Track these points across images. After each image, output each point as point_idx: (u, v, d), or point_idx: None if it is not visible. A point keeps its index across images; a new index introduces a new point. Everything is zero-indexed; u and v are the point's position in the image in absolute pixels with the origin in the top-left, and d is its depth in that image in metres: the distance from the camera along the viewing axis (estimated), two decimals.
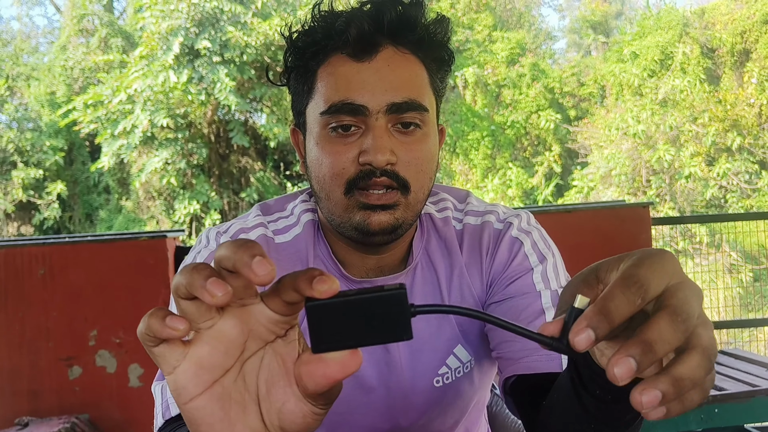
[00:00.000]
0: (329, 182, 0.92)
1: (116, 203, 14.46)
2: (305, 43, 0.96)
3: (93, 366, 3.01)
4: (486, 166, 14.42)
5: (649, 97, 12.96)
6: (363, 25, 0.90)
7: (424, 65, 0.96)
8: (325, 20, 0.94)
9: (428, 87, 0.96)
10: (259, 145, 14.13)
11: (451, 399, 1.05)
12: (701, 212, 12.17)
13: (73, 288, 3.02)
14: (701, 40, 13.97)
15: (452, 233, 1.05)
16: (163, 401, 0.91)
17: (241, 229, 1.02)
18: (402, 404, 1.03)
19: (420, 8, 0.94)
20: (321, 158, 0.93)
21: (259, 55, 12.89)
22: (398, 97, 0.91)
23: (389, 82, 0.91)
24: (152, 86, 12.01)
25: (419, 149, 0.93)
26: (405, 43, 0.94)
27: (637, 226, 3.38)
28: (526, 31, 18.21)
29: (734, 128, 12.31)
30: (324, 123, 0.92)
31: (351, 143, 0.91)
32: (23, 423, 2.84)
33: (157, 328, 0.47)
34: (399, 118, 0.92)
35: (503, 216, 1.06)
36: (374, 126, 0.90)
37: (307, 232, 1.03)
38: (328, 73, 0.93)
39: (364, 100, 0.90)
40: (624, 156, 12.21)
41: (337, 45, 0.92)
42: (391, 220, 0.91)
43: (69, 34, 15.67)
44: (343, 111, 0.90)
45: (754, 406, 2.61)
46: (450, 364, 1.03)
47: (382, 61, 0.92)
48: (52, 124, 14.19)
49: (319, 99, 0.93)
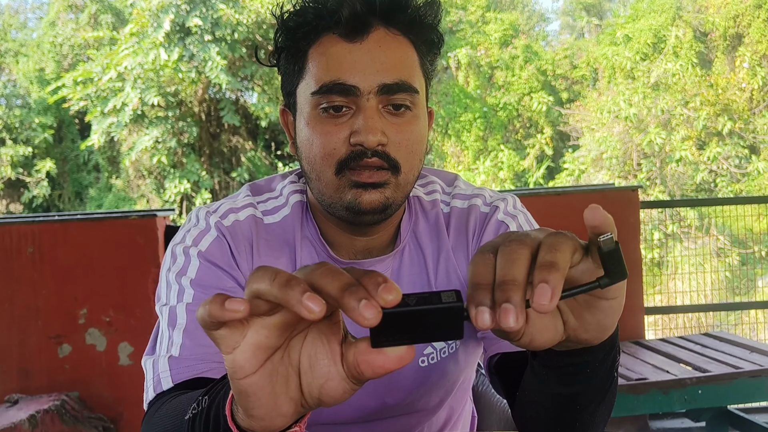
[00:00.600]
0: (320, 162, 0.93)
1: (106, 182, 14.40)
2: (296, 23, 0.95)
3: (83, 344, 3.02)
4: (478, 147, 14.43)
5: (641, 81, 12.97)
6: (355, 6, 0.90)
7: (414, 47, 0.96)
8: (317, 0, 0.94)
9: (418, 69, 0.96)
10: (250, 125, 14.08)
11: (437, 379, 1.06)
12: (691, 196, 12.24)
13: (63, 266, 3.02)
14: (694, 24, 13.97)
15: (440, 216, 1.06)
16: (154, 375, 0.92)
17: (230, 209, 1.02)
18: (388, 383, 1.04)
19: None
20: (312, 138, 0.93)
21: (251, 34, 12.80)
22: (389, 78, 0.91)
23: (381, 62, 0.91)
24: (142, 64, 11.92)
25: (410, 130, 0.93)
26: (396, 24, 0.94)
27: (626, 210, 3.40)
28: (519, 12, 18.14)
29: (725, 112, 12.35)
30: (315, 103, 0.93)
31: (342, 123, 0.91)
32: (13, 400, 2.85)
33: (218, 313, 0.49)
34: (390, 99, 0.92)
35: (490, 199, 1.07)
36: (365, 107, 0.90)
37: (295, 213, 1.04)
38: (319, 53, 0.93)
39: (356, 81, 0.90)
40: (615, 139, 12.23)
41: (329, 25, 0.92)
42: (381, 198, 0.92)
43: (58, 9, 15.51)
44: (334, 91, 0.91)
45: (737, 388, 2.65)
46: (435, 345, 1.04)
47: (374, 42, 0.92)
48: (41, 101, 14.09)
49: (310, 79, 0.94)
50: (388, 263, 1.03)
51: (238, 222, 1.01)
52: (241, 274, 0.98)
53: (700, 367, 2.80)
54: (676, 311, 4.59)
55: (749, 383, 2.64)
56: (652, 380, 2.65)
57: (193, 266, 0.97)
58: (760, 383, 2.65)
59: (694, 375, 2.69)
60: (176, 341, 0.92)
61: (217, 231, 0.99)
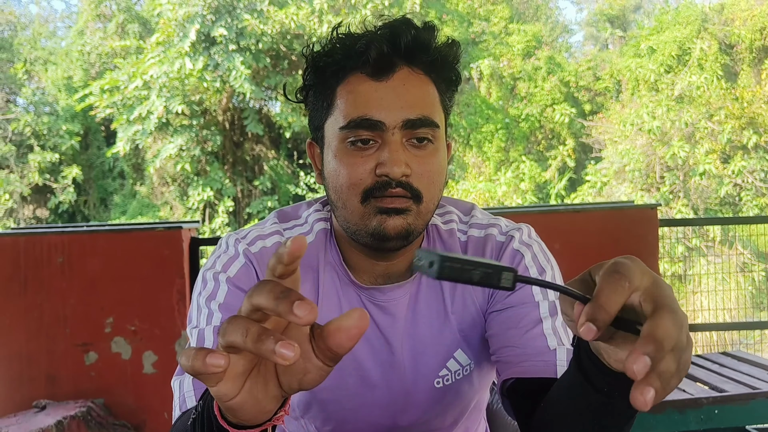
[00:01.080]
0: (346, 191, 0.98)
1: (131, 188, 14.59)
2: (326, 63, 1.02)
3: (108, 352, 3.09)
4: (499, 159, 14.42)
5: (665, 93, 12.89)
6: (382, 47, 0.97)
7: (435, 85, 1.02)
8: (345, 42, 1.00)
9: (439, 105, 1.02)
10: (273, 134, 14.20)
11: (451, 399, 1.11)
12: (715, 210, 12.12)
13: (91, 276, 3.10)
14: (719, 36, 13.86)
15: (456, 244, 1.11)
16: (180, 395, 0.97)
17: (258, 236, 1.09)
18: (403, 403, 1.09)
19: (433, 32, 1.01)
20: (339, 169, 0.99)
21: (275, 44, 12.94)
22: (413, 114, 0.97)
23: (405, 100, 0.97)
24: (168, 73, 12.09)
25: (431, 162, 0.99)
26: (419, 64, 1.00)
27: (645, 227, 3.41)
28: (542, 23, 18.12)
29: (750, 126, 12.22)
30: (343, 137, 0.98)
31: (368, 156, 0.97)
32: (41, 406, 2.93)
33: (201, 368, 0.55)
34: (413, 134, 0.98)
35: (505, 229, 1.12)
36: (391, 140, 0.96)
37: (319, 239, 1.10)
38: (347, 90, 0.99)
39: (382, 116, 0.96)
40: (638, 152, 12.16)
41: (357, 65, 0.99)
42: (404, 224, 0.97)
43: (86, 18, 15.77)
44: (362, 126, 0.97)
45: (754, 408, 2.65)
46: (450, 367, 1.09)
47: (398, 80, 0.98)
48: (68, 108, 14.32)
49: (338, 115, 0.99)
50: (407, 288, 1.08)
51: (266, 248, 1.07)
52: None
53: (716, 387, 2.79)
54: (696, 330, 4.57)
55: (766, 404, 2.64)
56: (668, 399, 2.65)
57: (222, 291, 1.02)
58: None
59: (711, 395, 2.69)
60: None
61: (245, 258, 1.05)
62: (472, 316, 1.09)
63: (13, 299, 3.08)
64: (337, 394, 1.08)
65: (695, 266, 6.92)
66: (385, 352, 1.07)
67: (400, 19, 1.00)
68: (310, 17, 12.68)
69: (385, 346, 1.07)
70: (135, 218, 13.47)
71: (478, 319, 1.09)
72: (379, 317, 1.07)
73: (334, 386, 1.07)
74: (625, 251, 3.42)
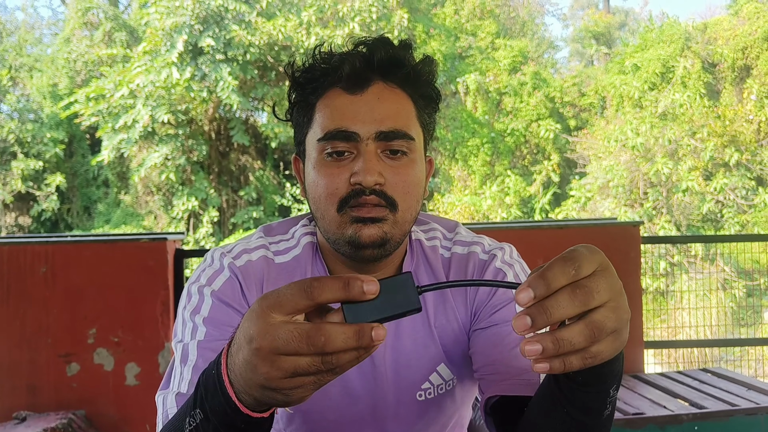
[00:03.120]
0: (324, 201, 1.02)
1: (115, 197, 14.50)
2: (306, 80, 1.06)
3: (91, 363, 3.07)
4: (485, 172, 14.49)
5: (648, 110, 13.04)
6: (355, 63, 1.01)
7: (411, 100, 1.06)
8: (324, 60, 1.05)
9: (415, 119, 1.06)
10: (260, 144, 14.19)
11: (433, 413, 1.12)
12: (697, 226, 12.25)
13: (74, 287, 3.09)
14: (702, 55, 14.05)
15: (439, 261, 1.14)
16: (164, 411, 0.98)
17: (244, 250, 1.10)
18: (386, 415, 1.11)
19: (408, 49, 1.06)
20: (317, 180, 1.02)
21: (263, 55, 12.95)
22: (386, 126, 1.01)
23: (378, 112, 1.01)
24: (154, 82, 12.06)
25: (406, 173, 1.02)
26: (394, 79, 1.04)
27: (628, 244, 3.45)
28: (529, 39, 18.28)
29: (732, 144, 12.38)
30: (320, 149, 1.02)
31: (344, 166, 1.01)
32: (21, 417, 2.90)
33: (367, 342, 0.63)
34: (387, 145, 1.01)
35: (488, 248, 1.15)
36: (365, 151, 1.00)
37: (306, 253, 1.12)
38: (325, 105, 1.04)
39: (356, 128, 1.00)
40: (622, 168, 12.28)
41: (334, 80, 1.03)
42: (379, 233, 1.00)
43: (73, 26, 15.71)
44: (337, 137, 1.00)
45: (734, 425, 2.68)
46: (433, 381, 1.11)
47: (373, 94, 1.02)
48: (53, 116, 14.23)
49: (317, 128, 1.03)
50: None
51: (251, 262, 1.09)
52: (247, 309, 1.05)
53: (696, 404, 2.83)
54: (677, 345, 4.61)
55: (745, 421, 2.67)
56: (649, 415, 2.68)
57: (206, 305, 1.04)
58: (755, 421, 2.68)
59: (691, 411, 2.72)
60: (186, 377, 0.98)
61: (230, 272, 1.07)
62: (455, 332, 1.10)
63: None
64: (320, 405, 1.09)
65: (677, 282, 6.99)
66: (368, 363, 1.09)
67: (378, 37, 1.04)
68: (297, 29, 12.71)
69: (368, 358, 1.09)
70: (119, 227, 13.39)
71: (461, 336, 1.11)
72: None
73: (317, 397, 1.08)
74: None
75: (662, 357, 5.51)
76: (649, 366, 4.54)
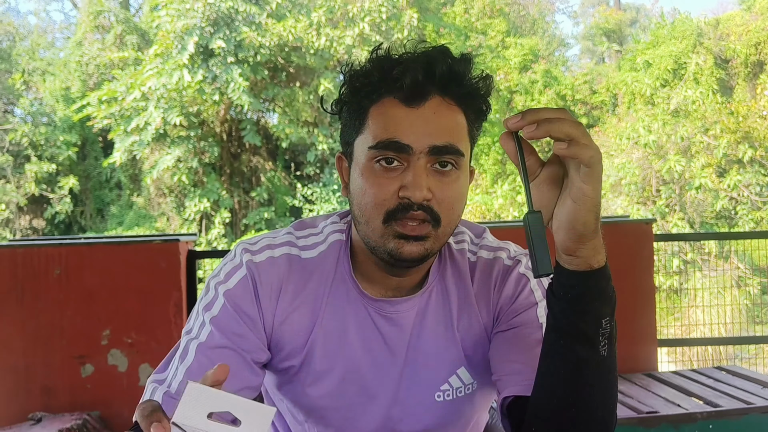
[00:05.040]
0: (370, 210, 1.01)
1: (127, 199, 14.58)
2: (362, 83, 1.04)
3: (105, 364, 3.09)
4: (496, 171, 14.46)
5: (661, 107, 12.95)
6: (417, 75, 0.99)
7: (464, 115, 1.05)
8: (382, 65, 1.03)
9: (466, 134, 1.05)
10: (271, 145, 14.23)
11: (450, 415, 1.13)
12: (711, 224, 12.16)
13: (88, 288, 3.11)
14: (715, 51, 13.95)
15: (466, 265, 1.14)
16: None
17: (267, 245, 1.10)
18: (402, 413, 1.11)
19: (468, 64, 1.04)
20: (365, 188, 1.02)
21: (273, 56, 12.98)
22: (440, 141, 1.00)
23: (434, 127, 1.00)
24: (166, 84, 12.12)
25: (453, 188, 1.02)
26: (451, 94, 1.03)
27: (640, 242, 3.44)
28: (539, 37, 18.23)
29: (746, 140, 12.28)
30: (371, 156, 1.01)
31: (393, 177, 1.00)
32: (36, 418, 2.93)
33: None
34: (438, 159, 1.00)
35: (513, 254, 1.16)
36: (416, 165, 0.99)
37: (333, 250, 1.12)
38: (379, 112, 1.02)
39: (410, 141, 0.99)
40: (634, 165, 12.21)
41: (391, 89, 1.01)
42: (421, 250, 1.01)
43: (85, 30, 15.79)
44: (389, 148, 0.99)
45: (749, 423, 2.66)
46: (452, 383, 1.11)
47: (430, 109, 1.01)
48: (66, 119, 14.32)
49: (368, 134, 1.02)
50: (416, 302, 1.10)
51: (272, 259, 1.09)
52: (258, 311, 1.06)
53: (711, 402, 2.81)
54: (691, 344, 4.59)
55: (760, 419, 2.65)
56: (663, 414, 2.67)
57: (218, 304, 1.05)
58: None
59: (705, 410, 2.71)
60: (178, 377, 1.01)
61: (246, 269, 1.07)
62: (478, 337, 1.11)
63: (11, 310, 3.08)
64: (337, 403, 1.10)
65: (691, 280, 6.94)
66: (387, 362, 1.10)
67: (438, 47, 1.03)
68: (308, 30, 12.73)
69: (388, 357, 1.10)
70: (131, 229, 13.46)
71: (484, 340, 1.12)
72: (385, 328, 1.09)
73: (334, 394, 1.10)
74: (621, 265, 3.42)
75: (676, 355, 5.48)
76: (663, 364, 4.51)
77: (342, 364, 1.09)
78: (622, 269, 3.60)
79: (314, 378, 1.09)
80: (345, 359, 1.09)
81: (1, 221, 13.52)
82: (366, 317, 1.09)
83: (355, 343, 1.09)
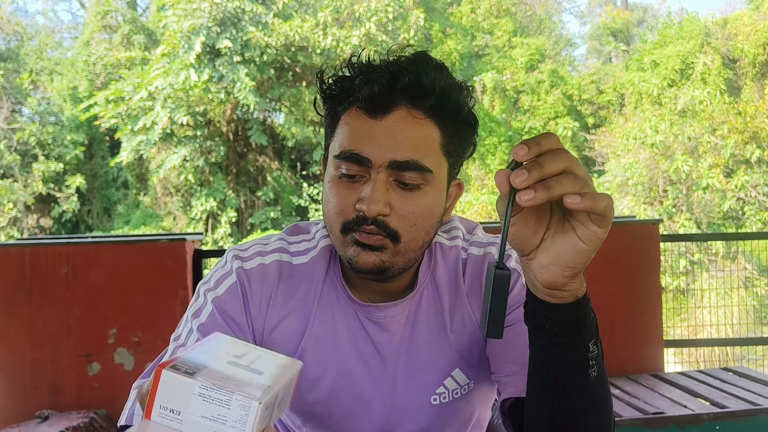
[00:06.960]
0: (332, 219, 1.00)
1: (134, 198, 14.63)
2: (330, 90, 1.03)
3: (111, 363, 3.10)
4: None
5: (668, 107, 12.92)
6: (374, 87, 0.96)
7: (438, 128, 1.00)
8: (351, 75, 1.01)
9: (438, 149, 1.00)
10: (277, 145, 14.25)
11: (449, 416, 1.12)
12: (718, 224, 12.11)
13: (95, 287, 3.11)
14: (723, 51, 13.90)
15: (458, 262, 1.12)
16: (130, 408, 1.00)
17: (258, 252, 1.10)
18: (398, 418, 1.10)
19: (440, 73, 0.99)
20: (329, 197, 1.01)
21: (279, 56, 13.01)
22: (401, 156, 0.96)
23: (395, 140, 0.96)
24: (173, 84, 12.16)
25: (415, 204, 0.98)
26: (418, 106, 0.98)
27: (647, 242, 3.42)
28: (546, 37, 18.20)
29: (754, 140, 12.23)
30: (336, 165, 1.00)
31: (354, 189, 0.98)
32: (43, 416, 2.94)
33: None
34: (400, 175, 0.97)
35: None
36: (375, 178, 0.97)
37: (323, 255, 1.11)
38: (346, 122, 1.00)
39: (370, 153, 0.96)
40: (641, 165, 12.18)
41: (357, 99, 0.99)
42: (377, 261, 0.98)
43: (92, 29, 15.86)
44: (350, 160, 0.97)
45: (756, 425, 2.65)
46: (447, 385, 1.10)
47: (393, 120, 0.97)
48: (73, 118, 14.39)
49: (336, 143, 1.01)
50: (405, 306, 1.08)
51: (263, 266, 1.08)
52: (246, 319, 1.06)
53: (718, 403, 2.80)
54: (698, 344, 4.57)
55: (767, 421, 2.64)
56: (669, 415, 2.66)
57: (206, 311, 1.05)
58: None
59: (712, 411, 2.69)
60: None
61: (236, 276, 1.07)
62: (471, 335, 1.09)
63: (18, 309, 3.09)
64: (331, 409, 1.09)
65: (698, 280, 6.91)
66: (380, 368, 1.09)
67: (416, 55, 1.00)
68: (314, 30, 12.75)
69: (380, 363, 1.08)
70: (138, 228, 13.51)
71: (478, 339, 1.10)
72: (375, 333, 1.08)
73: (328, 400, 1.09)
74: (627, 266, 3.43)
75: (683, 356, 5.46)
76: (670, 365, 4.50)
77: (333, 370, 1.08)
78: (628, 270, 3.60)
79: (308, 384, 1.08)
80: (336, 365, 1.08)
81: (9, 220, 13.57)
82: (356, 322, 1.08)
83: (345, 349, 1.08)
